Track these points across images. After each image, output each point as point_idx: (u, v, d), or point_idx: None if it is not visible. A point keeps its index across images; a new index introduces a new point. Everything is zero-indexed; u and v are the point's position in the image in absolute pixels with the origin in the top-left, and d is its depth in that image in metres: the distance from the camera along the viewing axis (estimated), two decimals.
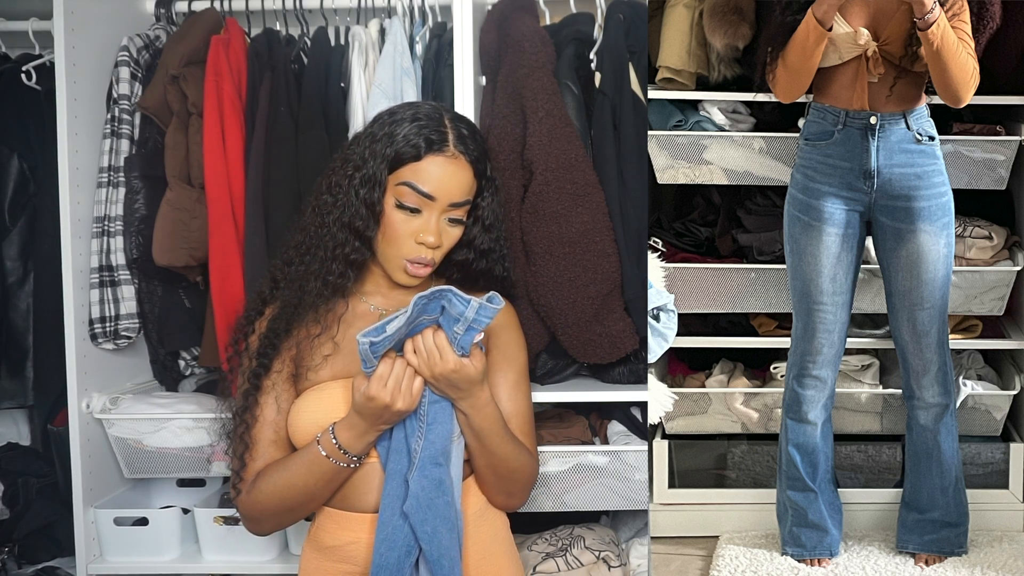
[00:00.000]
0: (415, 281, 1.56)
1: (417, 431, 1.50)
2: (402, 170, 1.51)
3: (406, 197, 1.51)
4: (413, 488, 1.47)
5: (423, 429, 1.50)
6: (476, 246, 1.62)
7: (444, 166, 1.52)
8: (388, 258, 1.55)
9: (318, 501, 1.54)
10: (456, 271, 1.66)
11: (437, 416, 1.50)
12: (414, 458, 1.48)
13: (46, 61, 2.36)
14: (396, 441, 1.50)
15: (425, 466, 1.48)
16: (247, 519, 1.57)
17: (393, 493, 1.48)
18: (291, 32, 2.31)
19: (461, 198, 1.54)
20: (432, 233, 1.52)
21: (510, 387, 1.63)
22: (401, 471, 1.49)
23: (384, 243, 1.54)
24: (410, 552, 1.47)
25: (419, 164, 1.51)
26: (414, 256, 1.53)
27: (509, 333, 1.65)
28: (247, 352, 1.58)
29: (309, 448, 1.49)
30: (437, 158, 1.51)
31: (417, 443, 1.49)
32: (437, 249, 1.55)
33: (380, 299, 1.61)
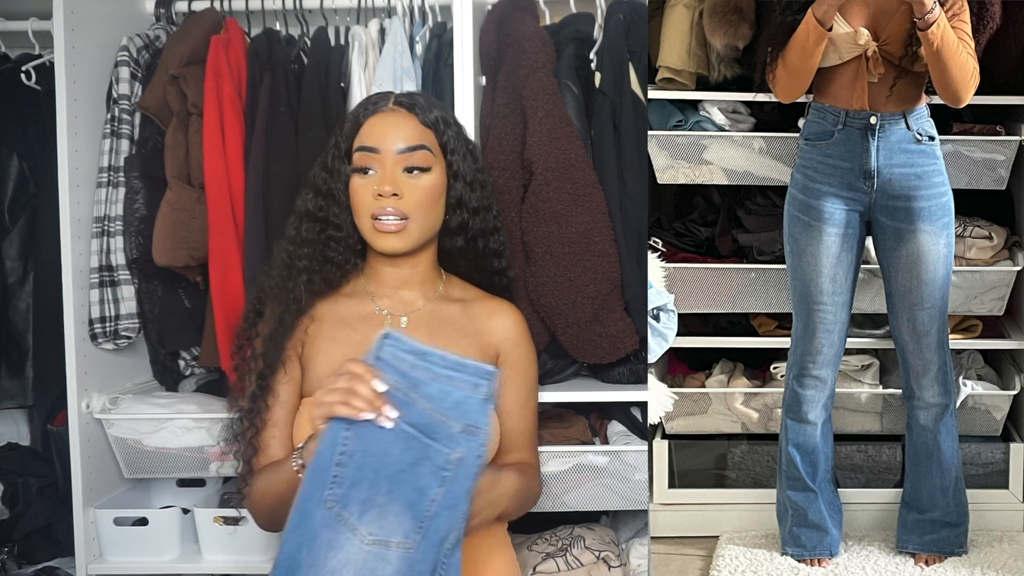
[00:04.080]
0: (392, 242, 1.54)
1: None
2: (353, 143, 1.56)
3: (358, 160, 1.55)
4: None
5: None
6: (465, 203, 1.61)
7: (383, 119, 1.56)
8: (362, 229, 1.56)
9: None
10: (462, 260, 1.66)
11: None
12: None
13: (46, 61, 2.36)
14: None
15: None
16: (251, 516, 1.59)
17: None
18: (291, 32, 2.31)
19: (407, 143, 1.55)
20: (388, 182, 1.53)
21: (520, 404, 1.63)
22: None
23: (355, 216, 1.56)
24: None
25: (362, 129, 1.56)
26: (376, 210, 1.53)
27: (521, 348, 1.65)
28: (253, 354, 1.58)
29: (288, 460, 1.48)
30: (375, 117, 1.57)
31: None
32: (399, 200, 1.53)
33: (387, 301, 1.61)
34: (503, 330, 1.63)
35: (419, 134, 1.56)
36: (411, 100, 1.59)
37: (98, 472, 2.24)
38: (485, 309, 1.64)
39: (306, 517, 1.34)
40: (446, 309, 1.62)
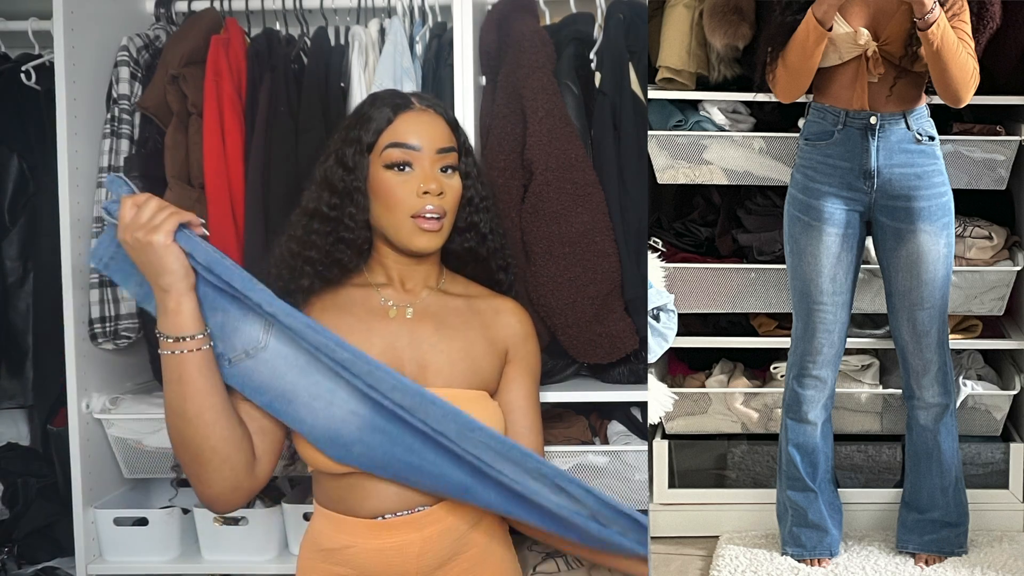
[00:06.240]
0: (430, 240, 1.54)
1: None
2: (382, 138, 1.54)
3: (395, 156, 1.53)
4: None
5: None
6: (475, 203, 1.62)
7: (418, 118, 1.56)
8: (395, 226, 1.54)
9: (185, 418, 1.42)
10: (468, 259, 1.66)
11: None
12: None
13: (46, 61, 2.36)
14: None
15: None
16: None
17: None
18: (291, 32, 2.31)
19: (445, 143, 1.56)
20: (432, 180, 1.53)
21: (529, 400, 1.64)
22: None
23: (386, 213, 1.54)
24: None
25: (395, 125, 1.54)
26: (420, 209, 1.53)
27: (529, 345, 1.66)
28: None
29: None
30: (408, 115, 1.56)
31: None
32: (442, 198, 1.54)
33: (391, 291, 1.60)
34: (510, 326, 1.63)
35: (449, 135, 1.58)
36: (433, 100, 1.60)
37: (98, 472, 2.24)
38: (491, 306, 1.64)
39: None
40: (451, 302, 1.62)
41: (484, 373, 1.59)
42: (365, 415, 1.47)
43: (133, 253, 1.42)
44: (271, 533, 2.23)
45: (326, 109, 2.17)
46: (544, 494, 1.46)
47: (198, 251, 1.43)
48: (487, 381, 1.60)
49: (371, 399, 1.46)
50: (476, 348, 1.59)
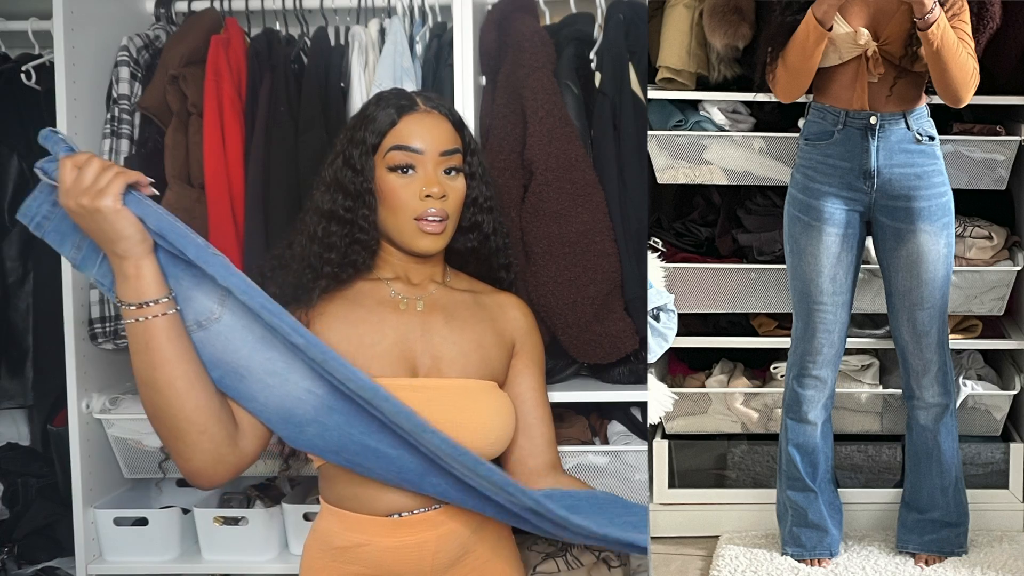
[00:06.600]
0: (433, 242, 1.55)
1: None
2: (385, 140, 1.54)
3: (397, 159, 1.53)
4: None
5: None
6: (480, 203, 1.62)
7: (422, 120, 1.55)
8: (398, 228, 1.55)
9: (155, 388, 1.38)
10: (471, 259, 1.67)
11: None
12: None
13: (46, 61, 2.36)
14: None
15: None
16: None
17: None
18: (291, 32, 2.31)
19: (449, 146, 1.56)
20: (435, 184, 1.53)
21: (538, 391, 1.65)
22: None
23: (390, 215, 1.55)
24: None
25: (399, 128, 1.54)
26: (423, 212, 1.53)
27: (533, 338, 1.68)
28: None
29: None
30: (412, 116, 1.55)
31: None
32: (445, 201, 1.54)
33: (400, 286, 1.60)
34: (515, 320, 1.66)
35: (453, 136, 1.58)
36: (438, 101, 1.60)
37: (98, 472, 2.24)
38: (495, 301, 1.66)
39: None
40: (457, 296, 1.63)
41: (494, 365, 1.61)
42: (322, 395, 1.43)
43: (81, 221, 1.33)
44: (271, 533, 2.23)
45: (326, 109, 2.17)
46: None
47: (149, 216, 1.35)
48: (497, 373, 1.61)
49: (327, 380, 1.43)
50: (486, 340, 1.60)
